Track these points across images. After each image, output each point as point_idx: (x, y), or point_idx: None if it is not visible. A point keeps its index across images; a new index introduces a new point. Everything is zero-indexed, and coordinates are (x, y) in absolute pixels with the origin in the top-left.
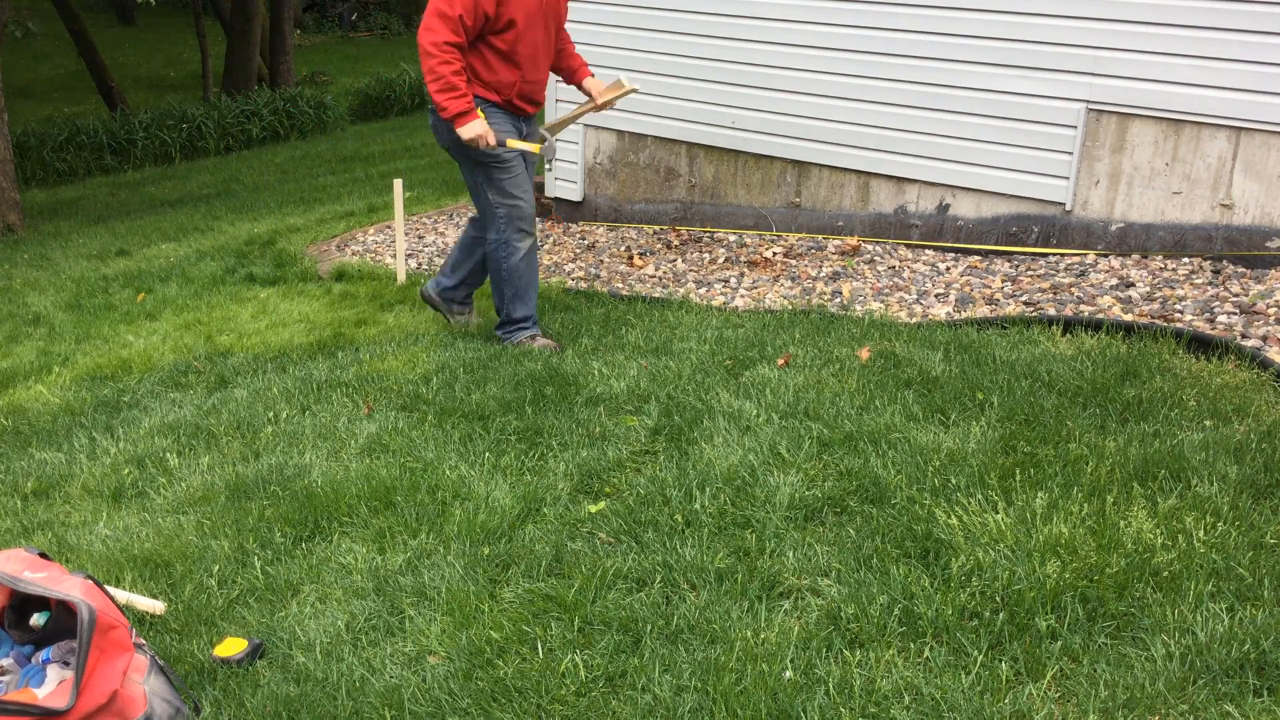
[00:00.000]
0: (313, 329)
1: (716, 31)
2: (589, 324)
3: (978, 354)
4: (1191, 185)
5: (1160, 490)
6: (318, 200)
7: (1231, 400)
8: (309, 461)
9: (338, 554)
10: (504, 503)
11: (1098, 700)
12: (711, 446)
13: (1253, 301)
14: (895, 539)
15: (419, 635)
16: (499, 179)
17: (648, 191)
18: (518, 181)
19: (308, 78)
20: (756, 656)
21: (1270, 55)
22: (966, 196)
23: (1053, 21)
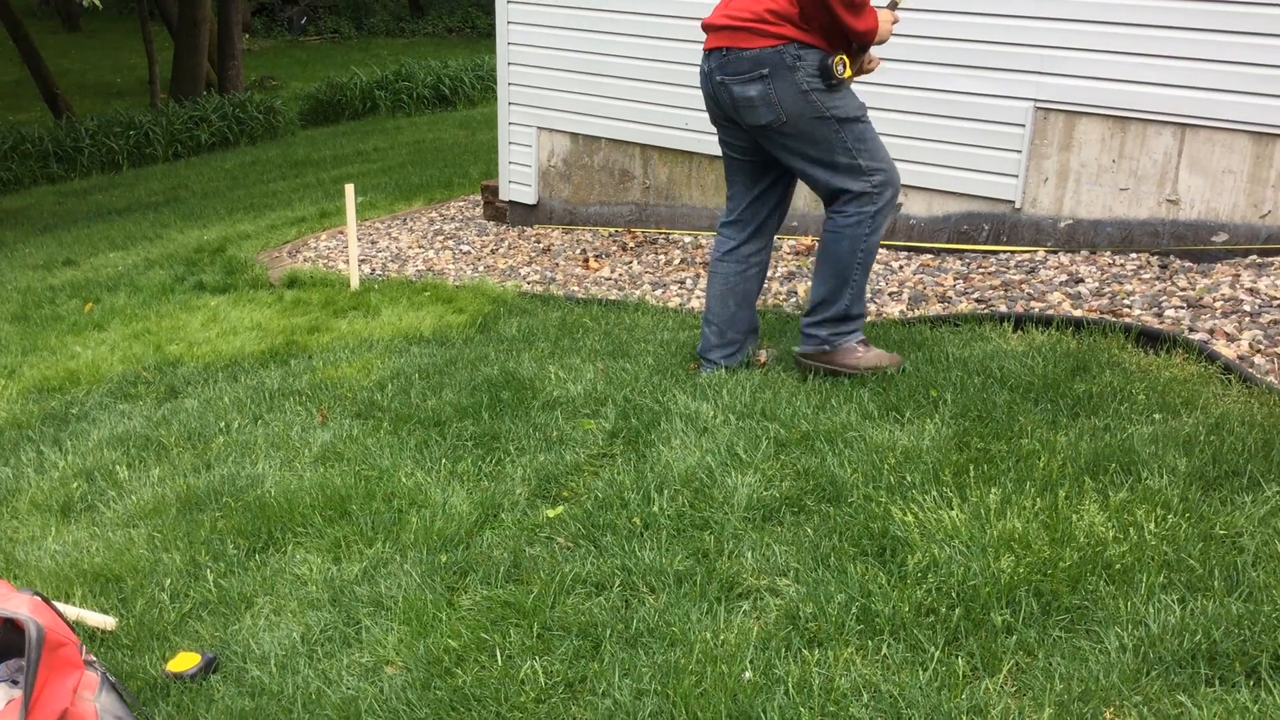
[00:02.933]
0: (264, 337)
1: (667, 33)
2: (545, 328)
3: (931, 352)
4: (1138, 181)
5: (1111, 484)
6: (268, 206)
7: (1180, 393)
8: (262, 471)
9: (292, 565)
10: (461, 509)
11: (1053, 694)
12: (669, 448)
13: (1199, 295)
14: (852, 537)
15: (376, 645)
16: (868, 138)
17: (602, 194)
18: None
19: (257, 83)
20: (716, 658)
21: (1214, 52)
22: (918, 195)
23: (1001, 21)
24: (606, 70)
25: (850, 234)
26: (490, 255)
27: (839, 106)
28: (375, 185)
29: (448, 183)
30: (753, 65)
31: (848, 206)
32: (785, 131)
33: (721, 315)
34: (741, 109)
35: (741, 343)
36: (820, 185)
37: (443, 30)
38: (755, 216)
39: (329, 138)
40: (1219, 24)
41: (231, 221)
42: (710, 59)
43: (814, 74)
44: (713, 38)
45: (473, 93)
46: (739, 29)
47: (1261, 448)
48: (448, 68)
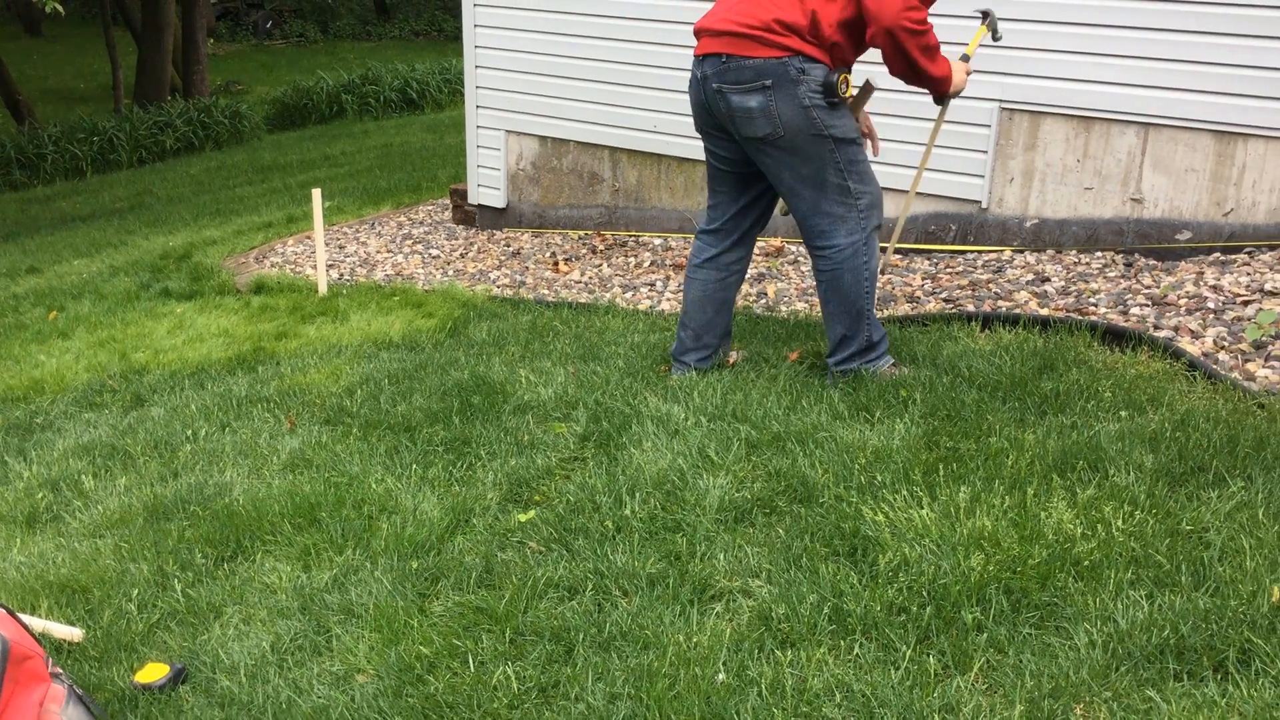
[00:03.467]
0: (231, 343)
1: (635, 36)
2: (515, 331)
3: (899, 352)
4: (1102, 181)
5: (1079, 481)
6: (235, 212)
7: (1146, 390)
8: (230, 479)
9: (261, 573)
10: (432, 515)
11: (1024, 690)
12: (641, 451)
13: (1164, 293)
14: (824, 538)
15: (347, 654)
16: (860, 160)
17: (571, 197)
18: (869, 164)
19: (222, 87)
20: (689, 660)
21: (1176, 52)
22: (887, 197)
23: (965, 23)
24: (574, 73)
25: (849, 266)
26: (459, 259)
27: (838, 126)
28: (343, 190)
29: (416, 187)
30: (755, 75)
31: (835, 240)
32: (780, 146)
33: (699, 320)
34: (738, 119)
35: (715, 346)
36: (804, 204)
37: (409, 33)
38: (739, 227)
39: (295, 142)
40: (1180, 24)
41: (197, 227)
42: (705, 65)
43: (817, 90)
44: (709, 43)
45: (440, 96)
46: (743, 36)
47: (1226, 443)
48: (415, 71)
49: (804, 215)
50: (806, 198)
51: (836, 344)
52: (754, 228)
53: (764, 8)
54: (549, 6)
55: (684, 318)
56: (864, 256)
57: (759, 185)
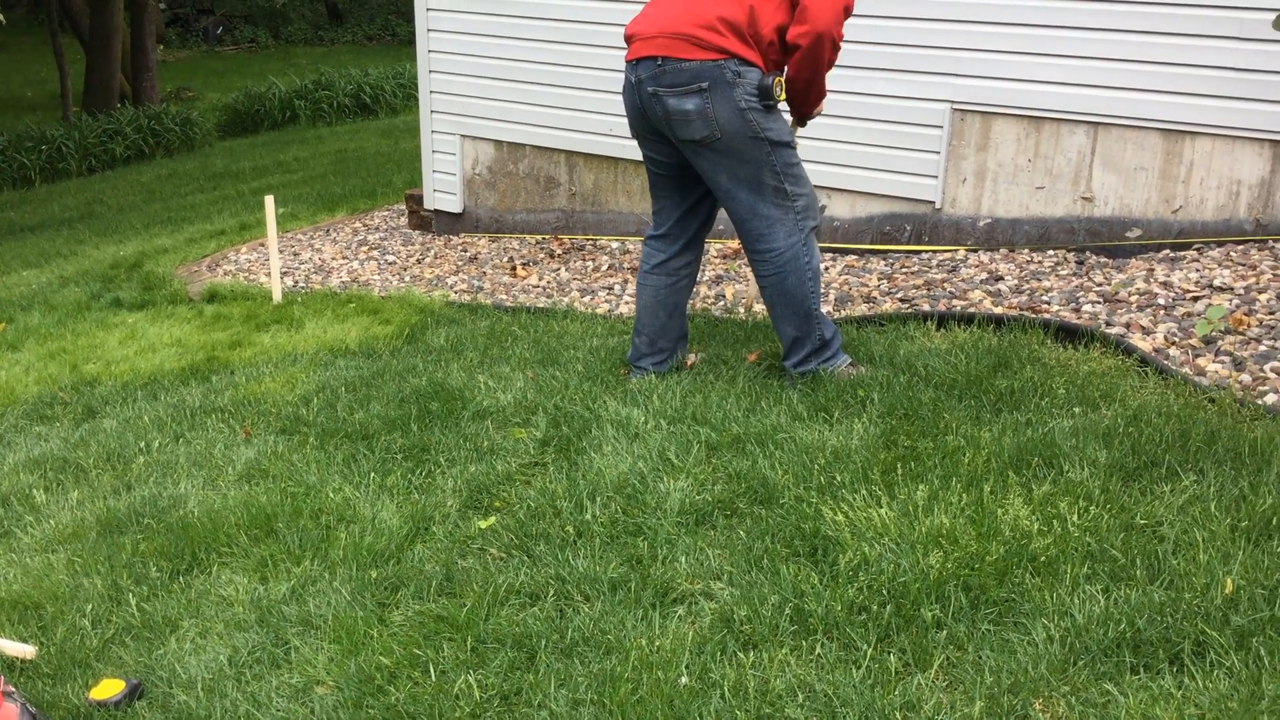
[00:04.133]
0: (185, 353)
1: (589, 39)
2: (474, 337)
3: (857, 352)
4: (1053, 180)
5: (1035, 477)
6: (187, 220)
7: (1099, 387)
8: (184, 491)
9: (217, 586)
10: (391, 523)
11: (983, 686)
12: (601, 455)
13: (1115, 290)
14: (784, 538)
15: (306, 666)
16: (795, 163)
17: (529, 201)
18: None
19: (173, 94)
20: (652, 665)
21: (1124, 51)
22: (842, 197)
23: (916, 24)
24: (529, 77)
25: (792, 267)
26: (416, 265)
27: (773, 129)
28: (297, 196)
29: (371, 192)
30: (691, 78)
31: (774, 244)
32: (717, 149)
33: (652, 326)
34: (675, 122)
35: (672, 350)
36: (741, 207)
37: (362, 38)
38: (685, 231)
39: (248, 149)
40: (1128, 24)
41: (149, 236)
42: (639, 69)
43: (752, 93)
44: (641, 46)
45: (395, 101)
46: (679, 38)
47: (1178, 438)
48: (369, 76)
49: (742, 218)
50: (743, 200)
51: (790, 346)
52: (701, 231)
53: (706, 7)
54: (503, 11)
55: (638, 324)
56: (805, 257)
57: (701, 188)
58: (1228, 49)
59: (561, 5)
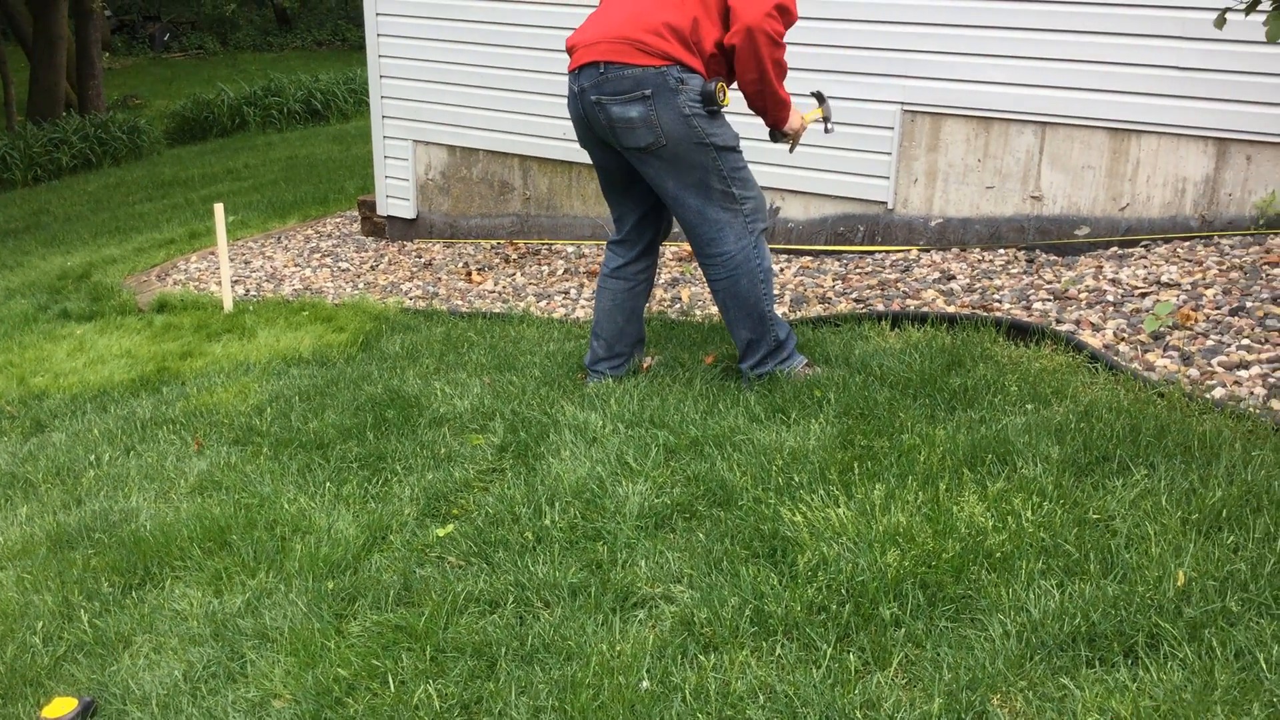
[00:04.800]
0: (134, 364)
1: (541, 43)
2: (429, 343)
3: (813, 352)
4: (1003, 179)
5: (989, 474)
6: (135, 229)
7: (1050, 383)
8: (136, 505)
9: (171, 600)
10: (348, 533)
11: (942, 683)
12: (559, 460)
13: (1065, 288)
14: (744, 540)
15: (262, 679)
16: (742, 166)
17: (483, 206)
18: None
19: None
20: (613, 670)
21: (1070, 52)
22: (795, 199)
23: (866, 27)
24: (481, 81)
25: (744, 270)
26: (370, 272)
27: (718, 134)
28: (247, 203)
29: (323, 199)
30: (634, 85)
31: (725, 247)
32: (663, 156)
33: (610, 330)
34: (619, 130)
35: (629, 354)
36: (690, 213)
37: (312, 44)
38: (643, 236)
39: (197, 156)
40: (1075, 24)
41: (96, 246)
42: (581, 78)
43: (696, 99)
44: (584, 54)
45: (346, 106)
46: (625, 43)
47: (1129, 433)
48: (319, 81)
49: (691, 224)
50: (692, 206)
51: (745, 349)
52: (657, 237)
53: (650, 13)
54: (453, 15)
55: (596, 327)
56: (756, 259)
57: (654, 194)
58: (1171, 48)
59: (512, 9)
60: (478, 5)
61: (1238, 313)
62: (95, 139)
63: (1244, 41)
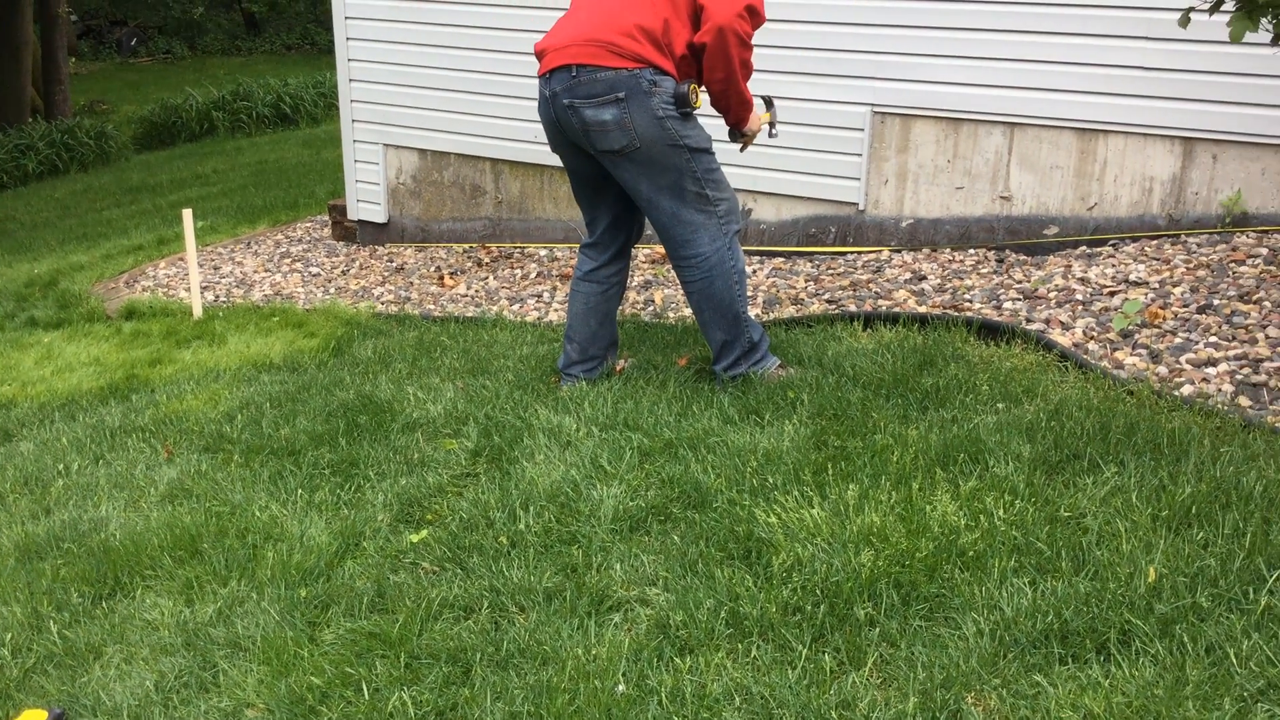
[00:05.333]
0: (103, 372)
1: (512, 46)
2: (402, 348)
3: (786, 353)
4: (972, 180)
5: (961, 473)
6: (103, 235)
7: (1021, 382)
8: (105, 514)
9: (142, 610)
10: (320, 540)
11: (916, 682)
12: (533, 464)
13: (1034, 287)
14: (719, 542)
15: (235, 689)
16: (715, 168)
17: (455, 210)
18: (723, 172)
19: (86, 107)
20: (589, 674)
21: (1038, 53)
22: (767, 201)
23: (836, 29)
24: (452, 85)
25: (719, 271)
26: (341, 276)
27: (692, 136)
28: (216, 209)
29: (293, 203)
30: (608, 88)
31: (700, 249)
32: (637, 159)
33: (583, 333)
34: (593, 134)
35: (602, 357)
36: (664, 215)
37: (281, 48)
38: (615, 239)
39: (165, 161)
40: (1042, 25)
41: (64, 253)
42: (553, 82)
43: (669, 101)
44: (555, 57)
45: (315, 110)
46: (598, 45)
47: (1099, 431)
48: (288, 86)
49: (665, 226)
50: (666, 208)
51: (719, 350)
52: (629, 240)
53: (622, 15)
54: (423, 19)
55: (569, 331)
56: (730, 261)
57: (626, 197)
58: (1137, 48)
59: (482, 12)
60: (447, 8)
61: (1205, 310)
62: (62, 145)
63: (1209, 41)
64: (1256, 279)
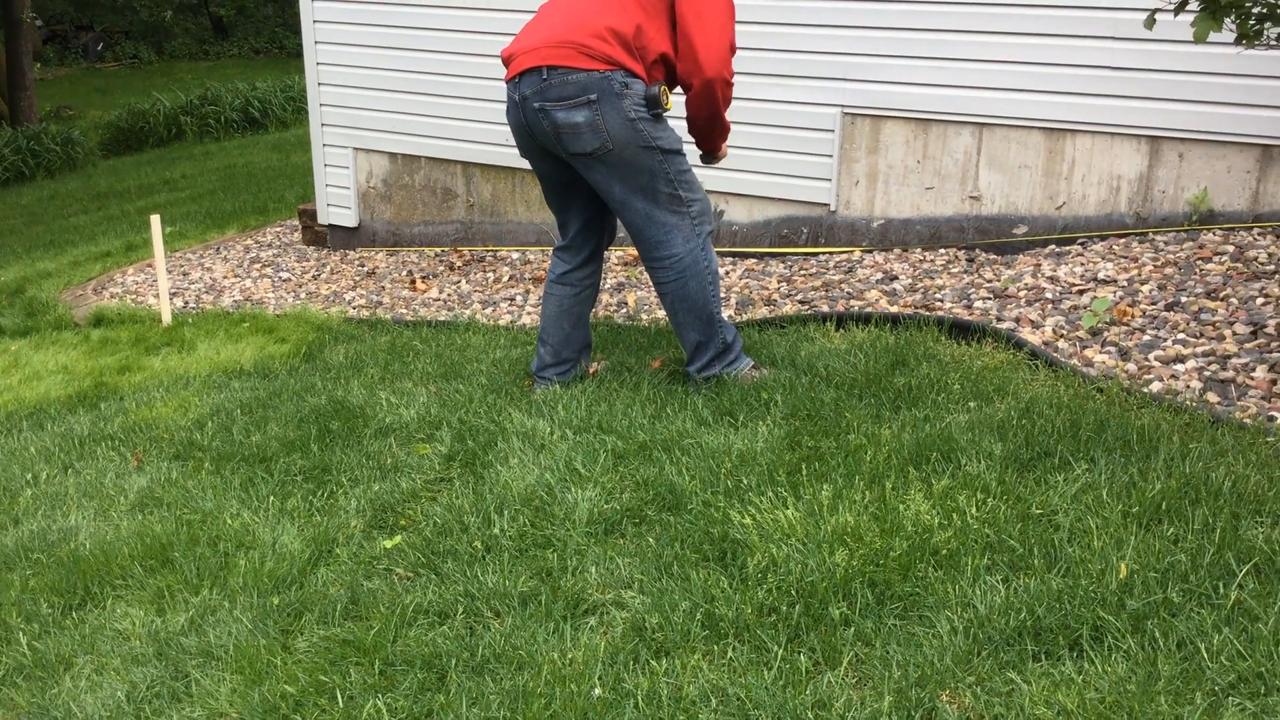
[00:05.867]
0: (71, 380)
1: (482, 49)
2: (374, 353)
3: (759, 354)
4: (942, 180)
5: (934, 472)
6: (70, 242)
7: (992, 381)
8: (75, 523)
9: (113, 620)
10: (293, 548)
11: (891, 681)
12: (507, 468)
13: (1004, 286)
14: (694, 544)
15: (207, 698)
16: (687, 169)
17: (426, 213)
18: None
19: (53, 113)
20: (565, 678)
21: (1006, 54)
22: (739, 202)
23: (806, 31)
24: (422, 88)
25: (693, 272)
26: (312, 281)
27: (663, 137)
28: (185, 214)
29: (263, 208)
30: (579, 91)
31: (673, 250)
32: (609, 161)
33: (556, 336)
34: (565, 136)
35: (575, 360)
36: (638, 216)
37: (249, 51)
38: (588, 242)
39: (133, 167)
40: (1010, 26)
41: (30, 260)
42: (522, 85)
43: (640, 103)
44: (524, 60)
45: (284, 114)
46: (569, 46)
47: (1069, 428)
48: (256, 90)
49: (639, 228)
50: (639, 210)
51: (693, 351)
52: (601, 243)
53: (593, 18)
54: (392, 22)
55: (542, 333)
56: (704, 261)
57: (598, 200)
58: (1104, 48)
59: (451, 15)
60: (416, 11)
61: (1173, 308)
62: (28, 151)
63: (1174, 41)
64: (1223, 276)
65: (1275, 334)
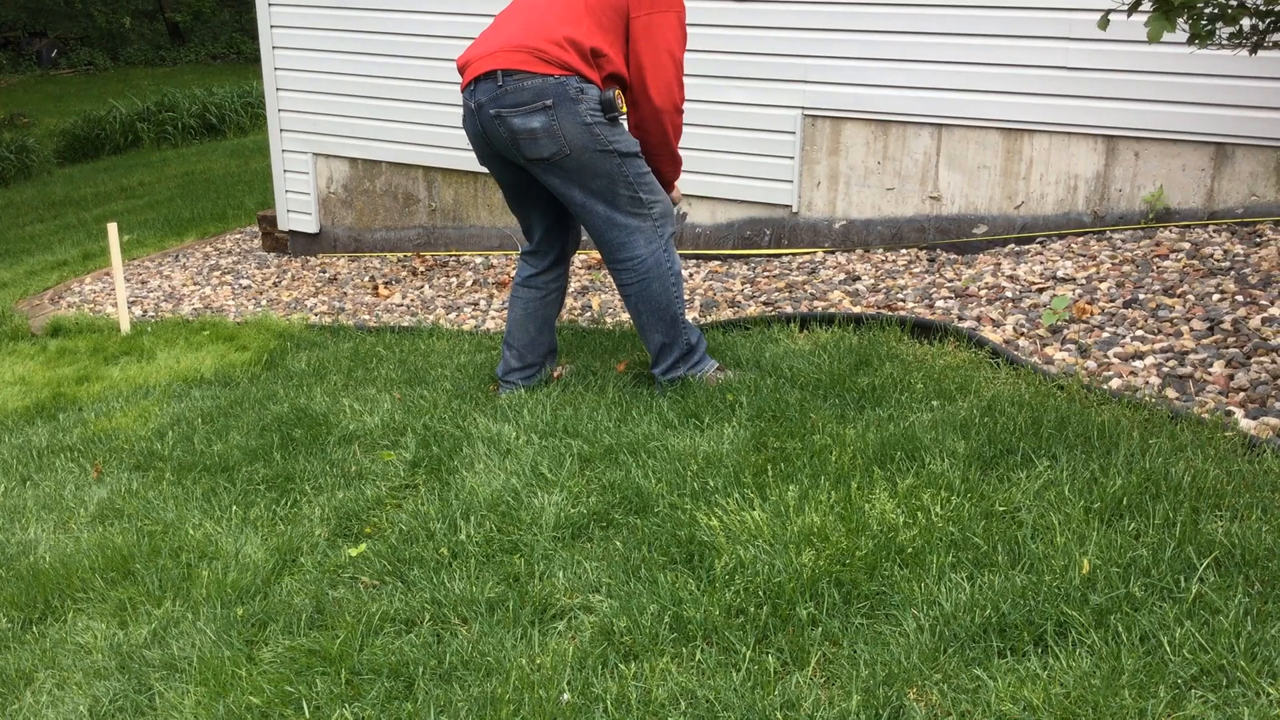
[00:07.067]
0: (29, 391)
1: (441, 53)
2: (337, 359)
3: (724, 356)
4: (903, 181)
5: (898, 471)
6: (26, 251)
7: (954, 379)
8: (34, 536)
9: (74, 634)
10: (256, 557)
11: (859, 680)
12: (473, 474)
13: (965, 285)
14: (661, 546)
15: (171, 711)
16: (646, 171)
17: (388, 219)
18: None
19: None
20: (533, 684)
21: (962, 54)
22: (702, 204)
23: (766, 33)
24: (382, 93)
25: (656, 274)
26: (273, 288)
27: (621, 141)
28: (143, 222)
29: (222, 215)
30: (535, 96)
31: (636, 252)
32: (567, 166)
33: (522, 339)
34: (522, 142)
35: (540, 364)
36: (599, 220)
37: (206, 57)
38: (553, 246)
39: (89, 175)
40: (967, 28)
41: None
42: (478, 92)
43: (596, 108)
44: (480, 64)
45: (243, 120)
46: (525, 51)
47: (1031, 425)
48: (214, 95)
49: (600, 231)
50: (600, 213)
51: (658, 354)
52: (567, 246)
53: (551, 26)
54: (350, 25)
55: (508, 337)
56: (667, 262)
57: (560, 205)
58: (1059, 49)
59: (411, 20)
60: (375, 15)
61: (1131, 305)
62: None
63: (1128, 41)
64: (1180, 273)
65: (1231, 330)
